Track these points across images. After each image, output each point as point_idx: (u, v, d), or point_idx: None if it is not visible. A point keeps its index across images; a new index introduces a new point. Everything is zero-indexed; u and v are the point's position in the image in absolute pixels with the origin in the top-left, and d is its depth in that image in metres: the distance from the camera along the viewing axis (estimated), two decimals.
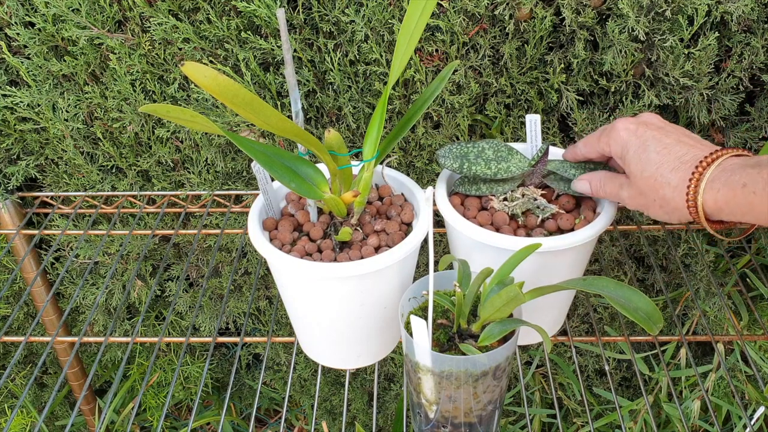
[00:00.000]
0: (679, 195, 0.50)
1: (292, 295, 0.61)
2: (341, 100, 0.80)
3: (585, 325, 1.04)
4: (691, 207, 0.49)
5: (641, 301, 0.50)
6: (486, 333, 0.52)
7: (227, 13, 0.76)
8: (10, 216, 0.92)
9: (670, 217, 0.52)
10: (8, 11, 0.78)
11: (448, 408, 0.55)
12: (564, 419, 1.09)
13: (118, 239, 0.98)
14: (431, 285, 0.51)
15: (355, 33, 0.75)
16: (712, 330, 0.95)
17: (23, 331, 1.12)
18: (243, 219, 0.95)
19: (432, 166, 0.85)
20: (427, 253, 0.63)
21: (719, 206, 0.48)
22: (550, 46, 0.76)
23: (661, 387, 0.95)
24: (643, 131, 0.53)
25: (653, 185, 0.51)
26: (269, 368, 1.20)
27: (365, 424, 1.18)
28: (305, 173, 0.57)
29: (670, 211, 0.51)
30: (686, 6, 0.68)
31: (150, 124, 0.85)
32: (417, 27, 0.56)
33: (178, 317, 1.10)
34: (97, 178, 0.91)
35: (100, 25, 0.77)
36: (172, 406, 1.29)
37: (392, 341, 0.68)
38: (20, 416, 1.12)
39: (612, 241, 0.93)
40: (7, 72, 0.83)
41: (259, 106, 0.48)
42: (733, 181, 0.47)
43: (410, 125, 0.61)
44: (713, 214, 0.49)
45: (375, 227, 0.61)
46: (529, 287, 0.53)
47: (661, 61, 0.73)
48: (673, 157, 0.51)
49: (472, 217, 0.63)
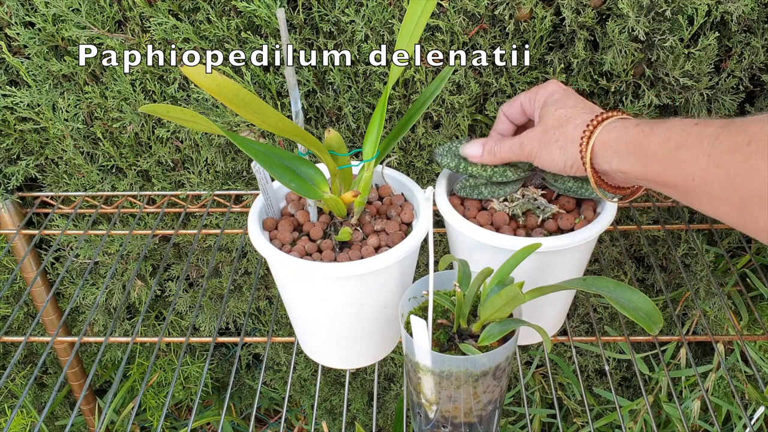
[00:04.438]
0: (579, 130, 0.53)
1: (292, 295, 0.61)
2: (341, 100, 0.80)
3: (585, 325, 1.04)
4: (584, 140, 0.52)
5: (641, 301, 0.50)
6: (486, 333, 0.52)
7: (227, 13, 0.76)
8: (10, 216, 0.92)
9: (562, 154, 0.55)
10: (8, 11, 0.78)
11: (448, 408, 0.55)
12: (564, 419, 1.09)
13: (118, 239, 0.98)
14: (431, 285, 0.51)
15: (355, 33, 0.75)
16: (712, 330, 0.95)
17: (23, 331, 1.12)
18: (243, 219, 0.95)
19: (432, 166, 0.85)
20: (427, 253, 0.63)
21: (608, 142, 0.51)
22: (550, 46, 0.76)
23: (661, 387, 0.95)
24: (571, 91, 0.60)
25: (562, 120, 0.55)
26: (269, 368, 1.20)
27: (365, 424, 1.18)
28: (305, 173, 0.57)
29: (564, 145, 0.54)
30: (686, 6, 0.68)
31: (150, 124, 0.85)
32: (417, 27, 0.56)
33: (178, 317, 1.10)
34: (97, 178, 0.91)
35: (100, 25, 0.77)
36: (172, 406, 1.29)
37: (392, 341, 0.68)
38: (20, 416, 1.12)
39: (612, 241, 0.93)
40: (7, 72, 0.83)
41: (259, 105, 0.48)
42: (628, 125, 0.51)
43: (410, 125, 0.61)
44: (600, 152, 0.52)
45: (375, 227, 0.61)
46: (529, 287, 0.53)
47: (661, 61, 0.73)
48: (588, 108, 0.56)
49: (472, 217, 0.63)
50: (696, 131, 0.45)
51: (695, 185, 0.45)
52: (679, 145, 0.45)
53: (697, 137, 0.44)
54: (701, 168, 0.44)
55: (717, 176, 0.43)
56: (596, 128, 0.52)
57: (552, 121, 0.56)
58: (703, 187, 0.44)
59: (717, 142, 0.43)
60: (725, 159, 0.42)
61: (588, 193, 0.62)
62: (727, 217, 0.44)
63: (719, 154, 0.42)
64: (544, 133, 0.56)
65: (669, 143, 0.46)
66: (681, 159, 0.45)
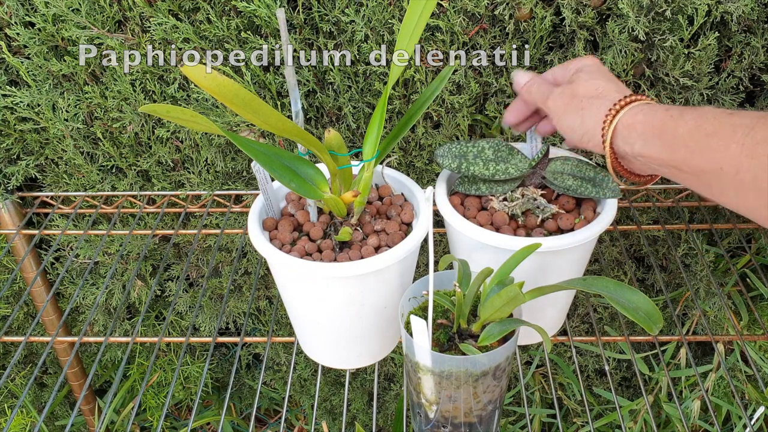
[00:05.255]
0: (605, 107, 0.52)
1: (292, 295, 0.61)
2: (341, 100, 0.80)
3: (585, 325, 1.04)
4: (609, 117, 0.51)
5: (641, 301, 0.50)
6: (486, 333, 0.52)
7: (227, 13, 0.76)
8: (10, 216, 0.92)
9: (582, 125, 0.54)
10: (8, 11, 0.78)
11: (448, 408, 0.55)
12: (564, 419, 1.09)
13: (118, 239, 0.98)
14: (431, 285, 0.51)
15: (355, 33, 0.75)
16: (712, 330, 0.95)
17: (23, 331, 1.12)
18: (243, 219, 0.95)
19: (432, 166, 0.85)
20: (427, 253, 0.63)
21: (633, 124, 0.50)
22: (550, 46, 0.76)
23: (661, 387, 0.95)
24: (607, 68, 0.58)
25: (591, 91, 0.54)
26: (269, 368, 1.20)
27: (365, 424, 1.18)
28: (305, 173, 0.57)
29: (588, 116, 0.53)
30: (686, 6, 0.68)
31: (150, 124, 0.85)
32: (417, 27, 0.56)
33: (178, 317, 1.10)
34: (97, 178, 0.91)
35: (100, 25, 0.77)
36: (172, 406, 1.29)
37: (392, 341, 0.68)
38: (20, 416, 1.12)
39: (612, 241, 0.93)
40: (7, 72, 0.83)
41: (259, 105, 0.48)
42: (657, 109, 0.49)
43: (410, 125, 0.61)
44: (623, 133, 0.51)
45: (375, 227, 0.61)
46: (529, 287, 0.53)
47: (661, 61, 0.73)
48: (620, 87, 0.55)
49: (472, 217, 0.63)
50: (729, 120, 0.43)
51: (723, 175, 0.43)
52: (711, 132, 0.44)
53: (731, 126, 0.43)
54: (733, 157, 0.42)
55: (750, 166, 0.41)
56: (623, 108, 0.51)
57: (582, 89, 0.55)
58: (733, 176, 0.42)
59: (752, 133, 0.41)
60: (760, 149, 0.41)
61: (587, 193, 0.62)
62: (754, 212, 0.42)
63: (753, 144, 0.41)
64: (571, 98, 0.55)
65: (699, 130, 0.45)
66: (711, 147, 0.44)
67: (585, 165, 0.63)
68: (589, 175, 0.63)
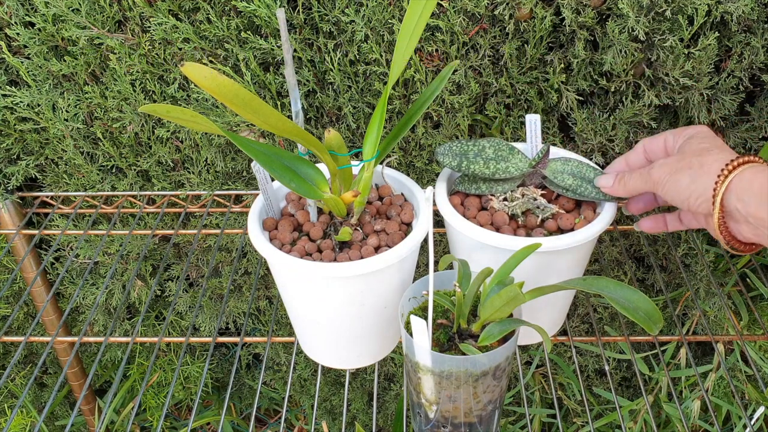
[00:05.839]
0: (719, 164, 0.51)
1: (292, 295, 0.61)
2: (341, 100, 0.80)
3: (585, 325, 1.04)
4: (724, 172, 0.50)
5: (641, 301, 0.50)
6: (486, 333, 0.52)
7: (227, 13, 0.76)
8: (10, 216, 0.92)
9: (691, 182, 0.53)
10: (8, 11, 0.78)
11: (448, 408, 0.55)
12: (564, 419, 1.09)
13: (118, 239, 0.98)
14: (431, 285, 0.51)
15: (355, 33, 0.75)
16: (712, 330, 0.95)
17: (23, 331, 1.12)
18: (243, 219, 0.95)
19: (432, 166, 0.85)
20: (427, 253, 0.63)
21: (751, 181, 0.49)
22: (550, 46, 0.76)
23: (661, 387, 0.95)
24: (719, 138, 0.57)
25: (702, 151, 0.53)
26: (269, 368, 1.20)
27: (365, 424, 1.18)
28: (305, 173, 0.57)
29: (698, 174, 0.52)
30: (686, 6, 0.68)
31: (150, 124, 0.85)
32: (417, 27, 0.56)
33: (178, 317, 1.10)
34: (97, 178, 0.91)
35: (100, 25, 0.77)
36: (172, 406, 1.29)
37: (392, 341, 0.68)
38: (20, 416, 1.12)
39: (612, 241, 0.93)
40: (7, 72, 0.83)
41: (259, 105, 0.48)
42: None
43: (410, 125, 0.61)
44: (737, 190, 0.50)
45: (375, 227, 0.61)
46: (529, 287, 0.53)
47: (661, 61, 0.73)
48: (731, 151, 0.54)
49: (472, 217, 0.63)
50: None
51: None
52: None
53: None
54: None
55: None
56: (739, 167, 0.50)
57: (691, 150, 0.54)
58: None
59: None
60: None
61: (587, 193, 0.62)
62: None
63: None
64: (679, 160, 0.54)
65: None
66: None
67: (585, 165, 0.63)
68: (589, 175, 0.63)
